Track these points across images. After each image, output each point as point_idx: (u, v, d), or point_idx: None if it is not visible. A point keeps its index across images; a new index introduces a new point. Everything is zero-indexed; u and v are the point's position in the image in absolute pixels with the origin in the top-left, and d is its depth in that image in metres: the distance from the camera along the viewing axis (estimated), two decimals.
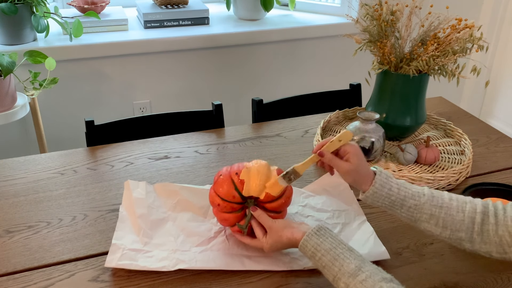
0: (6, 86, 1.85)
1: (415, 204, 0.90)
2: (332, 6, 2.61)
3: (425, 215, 0.89)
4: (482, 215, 0.86)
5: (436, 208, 0.89)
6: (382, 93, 1.37)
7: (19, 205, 1.15)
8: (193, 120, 1.59)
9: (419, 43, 1.31)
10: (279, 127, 1.56)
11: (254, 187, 0.97)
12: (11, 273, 0.96)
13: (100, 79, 2.24)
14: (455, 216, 0.87)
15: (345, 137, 0.95)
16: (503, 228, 0.83)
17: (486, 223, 0.85)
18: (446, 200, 0.89)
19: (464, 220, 0.87)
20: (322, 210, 1.13)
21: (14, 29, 2.03)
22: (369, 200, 0.93)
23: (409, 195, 0.91)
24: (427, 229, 0.90)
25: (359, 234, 1.06)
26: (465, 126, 1.57)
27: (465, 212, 0.87)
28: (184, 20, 2.36)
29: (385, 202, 0.92)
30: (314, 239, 0.87)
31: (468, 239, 0.87)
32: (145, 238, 1.01)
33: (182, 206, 1.12)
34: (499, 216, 0.85)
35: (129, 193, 1.11)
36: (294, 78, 2.59)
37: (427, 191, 0.91)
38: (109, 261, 0.95)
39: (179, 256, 0.98)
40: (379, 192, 0.92)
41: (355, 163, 0.93)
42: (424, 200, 0.90)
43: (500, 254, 0.84)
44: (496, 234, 0.84)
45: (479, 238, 0.86)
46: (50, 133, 2.24)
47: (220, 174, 1.00)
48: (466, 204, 0.88)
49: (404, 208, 0.91)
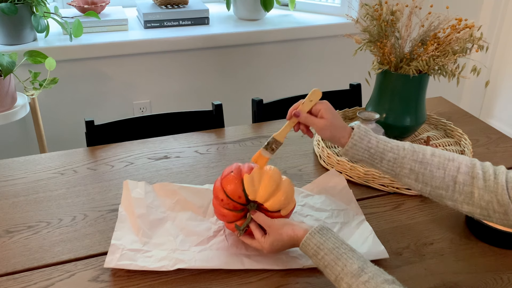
0: (6, 86, 1.85)
1: (395, 157, 0.90)
2: (332, 6, 2.61)
3: (405, 170, 0.89)
4: (465, 176, 0.84)
5: (416, 163, 0.88)
6: (382, 93, 1.37)
7: (19, 205, 1.15)
8: (193, 120, 1.59)
9: (419, 43, 1.31)
10: (279, 127, 1.54)
11: (262, 193, 0.97)
12: (11, 273, 0.96)
13: (100, 79, 2.24)
14: (435, 173, 0.86)
15: (315, 96, 0.98)
16: (491, 194, 0.81)
17: (471, 185, 0.84)
18: (427, 156, 0.88)
19: (444, 178, 0.86)
20: (321, 209, 1.13)
21: (14, 29, 2.03)
22: (349, 153, 0.94)
23: (388, 148, 0.91)
24: (407, 184, 0.90)
25: (358, 233, 1.06)
26: (465, 126, 1.57)
27: (446, 169, 0.86)
28: (184, 20, 2.36)
29: (365, 155, 0.92)
30: (317, 237, 0.87)
31: (449, 197, 0.86)
32: (145, 238, 1.01)
33: (181, 206, 1.12)
34: (488, 181, 0.82)
35: (128, 193, 1.12)
36: (294, 78, 2.59)
37: (408, 145, 0.91)
38: (108, 262, 0.95)
39: (178, 256, 0.98)
40: (358, 145, 0.92)
41: (329, 117, 0.95)
42: (404, 154, 0.89)
43: (483, 216, 0.84)
44: (482, 199, 0.82)
45: (461, 197, 0.85)
46: (50, 133, 2.24)
47: (231, 171, 0.99)
48: (449, 162, 0.87)
49: (384, 162, 0.91)
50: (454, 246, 1.06)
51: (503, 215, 0.80)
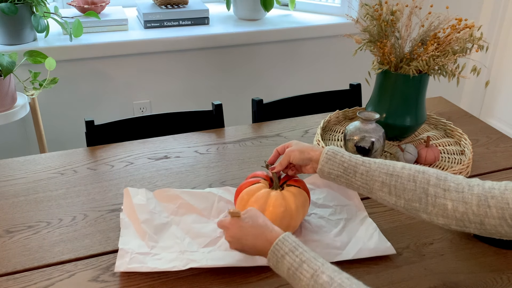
0: (6, 86, 1.85)
1: (367, 170, 0.92)
2: (332, 6, 2.61)
3: (377, 183, 0.90)
4: (436, 189, 0.85)
5: (387, 176, 0.89)
6: (382, 93, 1.37)
7: (19, 205, 1.15)
8: (193, 120, 1.59)
9: (419, 43, 1.31)
10: (279, 127, 1.56)
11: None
12: (11, 273, 0.96)
13: (100, 79, 2.24)
14: (406, 185, 0.87)
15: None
16: (466, 206, 0.82)
17: (443, 197, 0.84)
18: (397, 169, 0.90)
19: (416, 190, 0.86)
20: (324, 205, 1.14)
21: (14, 29, 2.03)
22: (325, 168, 0.96)
23: (360, 162, 0.94)
24: (382, 199, 0.91)
25: (363, 230, 1.06)
26: (465, 126, 1.57)
27: (416, 182, 0.87)
28: (184, 20, 2.36)
29: (340, 170, 0.94)
30: (293, 238, 0.85)
31: (423, 209, 0.86)
32: (151, 242, 1.01)
33: (184, 209, 1.11)
34: (462, 193, 0.83)
35: (129, 200, 1.10)
36: (294, 78, 2.59)
37: (379, 160, 0.93)
38: (118, 266, 0.94)
39: (189, 257, 0.98)
40: (332, 159, 0.95)
41: (293, 144, 1.04)
42: (375, 167, 0.91)
43: (460, 228, 0.84)
44: (457, 211, 0.83)
45: (435, 210, 0.85)
46: (50, 133, 2.24)
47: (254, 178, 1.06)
48: (419, 174, 0.88)
49: (357, 175, 0.93)
50: (454, 246, 1.06)
51: (479, 225, 0.81)
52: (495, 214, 0.78)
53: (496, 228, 0.79)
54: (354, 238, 1.04)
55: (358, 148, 1.27)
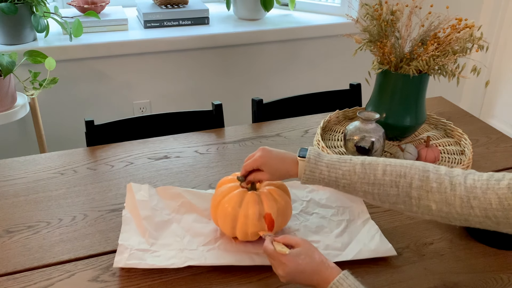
0: (6, 86, 1.85)
1: (348, 183, 0.91)
2: (332, 6, 2.61)
3: (360, 193, 0.90)
4: (419, 191, 0.85)
5: (369, 186, 0.89)
6: (382, 93, 1.37)
7: (19, 205, 1.15)
8: (193, 120, 1.59)
9: (419, 43, 1.31)
10: (279, 127, 1.56)
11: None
12: (11, 273, 0.96)
13: (100, 79, 2.24)
14: (389, 191, 0.87)
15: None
16: (449, 207, 0.82)
17: (426, 198, 0.84)
18: (378, 176, 0.88)
19: (399, 194, 0.86)
20: (327, 206, 1.14)
21: (14, 29, 2.03)
22: (308, 184, 0.96)
23: (340, 175, 0.91)
24: (369, 202, 0.92)
25: (365, 232, 1.07)
26: (465, 126, 1.57)
27: (399, 187, 0.86)
28: (184, 20, 2.36)
29: (322, 184, 0.94)
30: (351, 278, 0.83)
31: (408, 210, 0.87)
32: (151, 239, 1.01)
33: (186, 208, 1.12)
34: (445, 194, 0.82)
35: (132, 195, 1.11)
36: (294, 78, 2.59)
37: (359, 168, 0.90)
38: (117, 261, 0.95)
39: (188, 255, 0.98)
40: (311, 178, 0.94)
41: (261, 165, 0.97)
42: (356, 179, 0.90)
43: (446, 222, 0.85)
44: (441, 211, 0.83)
45: (420, 210, 0.86)
46: (50, 133, 2.24)
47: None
48: (400, 179, 0.87)
49: (340, 187, 0.93)
50: (454, 246, 1.06)
51: (465, 221, 0.82)
52: (478, 213, 0.79)
53: (481, 224, 0.80)
54: (355, 239, 1.04)
55: (358, 148, 1.27)
